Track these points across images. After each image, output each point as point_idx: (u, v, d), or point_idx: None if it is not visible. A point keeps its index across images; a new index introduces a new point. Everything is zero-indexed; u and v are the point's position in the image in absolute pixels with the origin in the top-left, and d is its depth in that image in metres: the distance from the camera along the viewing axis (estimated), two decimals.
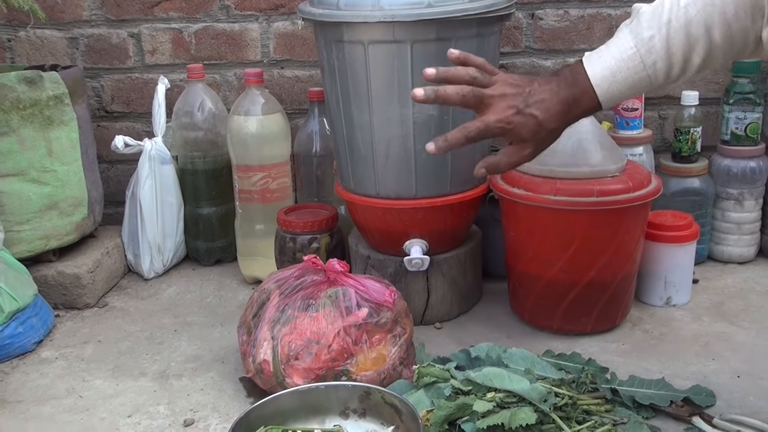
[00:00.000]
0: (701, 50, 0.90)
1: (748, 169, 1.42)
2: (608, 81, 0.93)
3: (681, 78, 0.94)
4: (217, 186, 1.52)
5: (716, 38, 0.89)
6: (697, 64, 0.91)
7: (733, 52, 0.91)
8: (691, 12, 0.90)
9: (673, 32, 0.90)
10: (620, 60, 0.93)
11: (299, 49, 1.58)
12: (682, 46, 0.90)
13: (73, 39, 1.61)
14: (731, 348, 1.18)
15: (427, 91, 0.95)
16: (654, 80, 0.93)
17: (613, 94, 0.94)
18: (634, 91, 0.94)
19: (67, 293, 1.38)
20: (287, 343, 1.01)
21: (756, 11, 0.88)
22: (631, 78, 0.93)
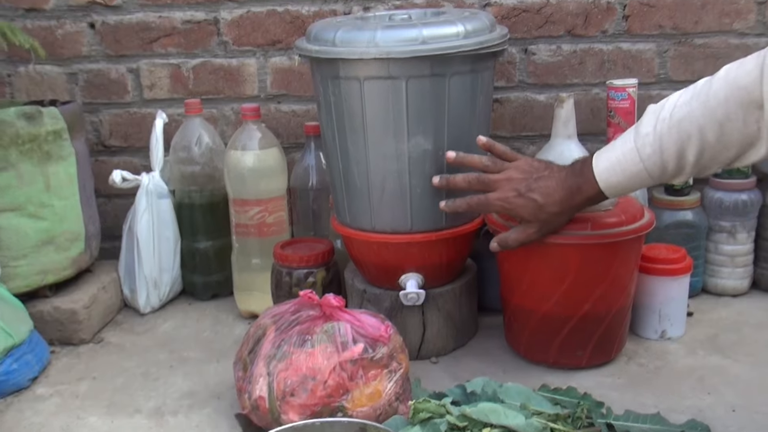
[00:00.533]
0: (694, 148, 0.95)
1: (740, 201, 1.43)
2: (609, 172, 1.03)
3: (681, 174, 0.99)
4: (214, 220, 1.53)
5: (709, 137, 0.94)
6: (691, 162, 0.96)
7: (730, 154, 0.95)
8: (685, 111, 0.96)
9: (666, 129, 0.97)
10: (621, 153, 1.01)
11: (296, 84, 1.60)
12: (674, 143, 0.96)
13: (73, 74, 1.63)
14: (726, 381, 1.18)
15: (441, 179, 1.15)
16: (652, 174, 1.00)
17: (613, 185, 1.03)
18: (634, 183, 1.02)
19: (63, 329, 1.38)
20: (283, 379, 1.01)
21: (748, 114, 0.90)
22: (629, 170, 1.01)
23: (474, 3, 1.53)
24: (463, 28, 1.15)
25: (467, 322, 1.33)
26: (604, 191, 1.04)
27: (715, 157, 0.96)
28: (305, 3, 1.55)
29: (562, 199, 1.07)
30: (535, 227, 1.10)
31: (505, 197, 1.10)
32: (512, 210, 1.10)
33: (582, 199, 1.07)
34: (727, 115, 0.92)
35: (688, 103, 0.96)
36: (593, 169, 1.04)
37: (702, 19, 1.50)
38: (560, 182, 1.07)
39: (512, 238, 1.13)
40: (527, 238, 1.12)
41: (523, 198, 1.08)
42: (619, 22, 1.52)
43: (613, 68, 1.54)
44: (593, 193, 1.05)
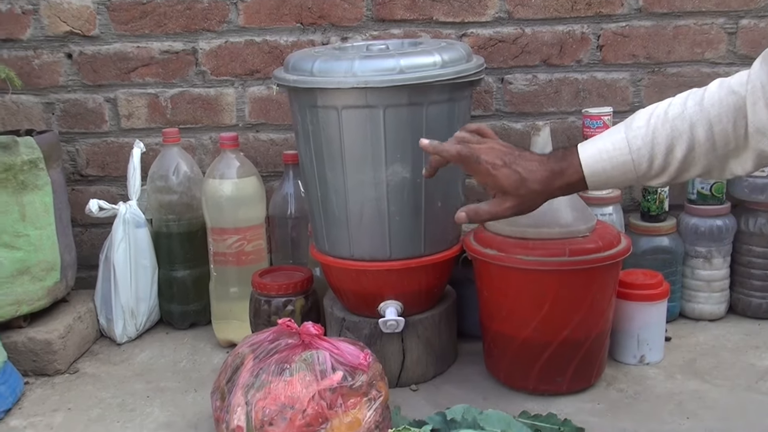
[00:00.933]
0: (683, 145, 0.95)
1: (715, 227, 1.45)
2: (594, 158, 1.00)
3: (665, 172, 0.99)
4: (192, 249, 1.52)
5: (699, 136, 0.95)
6: (679, 159, 0.96)
7: (716, 155, 0.96)
8: (679, 109, 0.97)
9: (660, 124, 0.97)
10: (609, 143, 1.00)
11: (274, 113, 1.61)
12: (666, 137, 0.96)
13: (49, 104, 1.62)
14: (705, 406, 1.19)
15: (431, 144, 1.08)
16: (638, 166, 0.99)
17: (598, 172, 1.00)
18: (618, 174, 1.00)
19: (38, 359, 1.36)
20: (261, 408, 1.00)
21: (738, 118, 0.93)
22: (616, 159, 0.99)
23: (450, 33, 1.55)
24: (440, 58, 1.17)
25: (447, 349, 1.33)
26: (587, 178, 1.01)
27: (701, 157, 0.96)
28: (283, 33, 1.57)
29: (543, 178, 1.02)
30: (511, 202, 1.04)
31: (492, 161, 1.03)
32: (495, 177, 1.03)
33: (563, 183, 1.02)
34: (719, 116, 0.94)
35: (683, 103, 0.97)
36: (578, 155, 1.01)
37: (674, 49, 1.53)
38: (542, 163, 1.03)
39: (485, 209, 1.06)
40: (502, 213, 1.05)
41: (508, 168, 1.02)
42: (594, 51, 1.54)
43: (588, 97, 1.56)
44: (576, 178, 1.01)
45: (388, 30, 1.55)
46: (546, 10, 1.52)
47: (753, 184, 1.44)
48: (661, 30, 1.53)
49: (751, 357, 1.35)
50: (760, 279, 1.47)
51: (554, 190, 1.03)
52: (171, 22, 1.57)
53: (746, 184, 1.44)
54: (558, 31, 1.54)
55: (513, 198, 1.03)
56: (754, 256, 1.47)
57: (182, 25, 1.57)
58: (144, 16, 1.57)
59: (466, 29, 1.54)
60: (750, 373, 1.29)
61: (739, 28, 1.52)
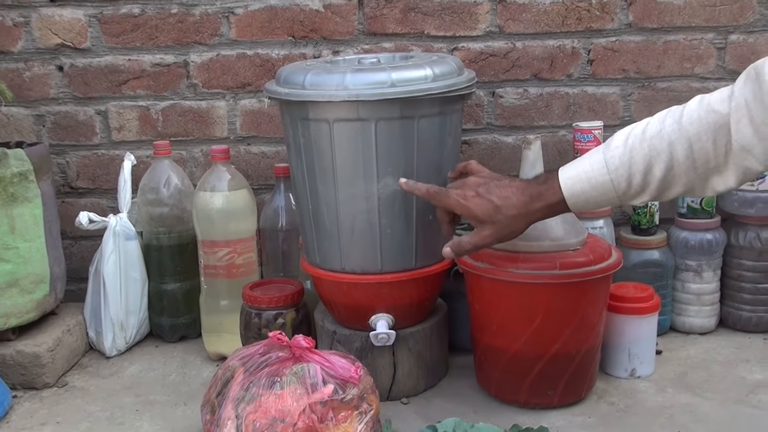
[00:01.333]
0: (662, 164, 0.96)
1: (705, 241, 1.46)
2: (573, 180, 1.01)
3: (645, 191, 0.99)
4: (182, 261, 1.52)
5: (678, 155, 0.95)
6: (658, 178, 0.97)
7: (696, 175, 0.96)
8: (657, 128, 0.98)
9: (638, 143, 0.98)
10: (588, 164, 1.01)
11: (265, 125, 1.61)
12: (643, 157, 0.97)
13: (40, 116, 1.62)
14: (696, 419, 1.19)
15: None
16: (617, 186, 0.99)
17: (577, 193, 1.01)
18: (598, 194, 1.01)
19: (26, 373, 1.35)
20: (252, 421, 1.00)
21: (719, 136, 0.93)
22: (594, 180, 1.00)
23: (442, 47, 1.55)
24: (432, 71, 1.17)
25: (438, 362, 1.33)
26: (567, 200, 1.02)
27: (681, 175, 0.96)
28: (275, 47, 1.57)
29: (521, 203, 1.04)
30: (489, 230, 1.06)
31: (462, 194, 1.08)
32: (467, 208, 1.07)
33: (542, 205, 1.04)
34: (698, 134, 0.94)
35: (662, 121, 0.97)
36: (558, 177, 1.02)
37: (664, 64, 1.54)
38: (520, 188, 1.06)
39: (466, 241, 1.09)
40: (482, 242, 1.08)
41: (480, 198, 1.06)
42: (584, 66, 1.55)
43: (579, 111, 1.57)
44: (555, 200, 1.03)
45: (380, 44, 1.56)
46: (537, 25, 1.53)
47: (743, 198, 1.45)
48: (651, 45, 1.54)
49: (741, 370, 1.35)
50: (750, 292, 1.48)
51: (534, 212, 1.05)
52: (162, 35, 1.57)
53: (736, 198, 1.45)
54: (549, 46, 1.55)
55: (489, 226, 1.07)
56: (744, 269, 1.48)
57: (174, 38, 1.57)
58: (135, 29, 1.57)
59: (458, 43, 1.55)
60: (740, 387, 1.29)
61: (729, 44, 1.53)
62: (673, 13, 1.52)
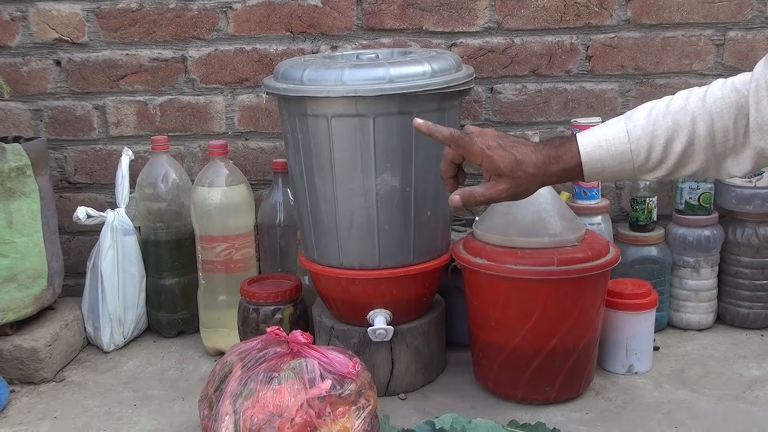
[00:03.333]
0: (683, 138, 0.96)
1: (703, 237, 1.46)
2: (593, 145, 0.99)
3: (662, 165, 0.98)
4: (180, 257, 1.52)
5: (700, 130, 0.95)
6: (678, 152, 0.96)
7: (715, 152, 0.96)
8: (681, 103, 0.97)
9: (661, 116, 0.98)
10: (609, 132, 0.99)
11: (263, 121, 1.61)
12: (666, 130, 0.96)
13: (37, 111, 1.61)
14: (693, 415, 1.19)
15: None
16: (636, 156, 0.98)
17: (595, 159, 0.99)
18: (616, 163, 0.99)
19: (24, 368, 1.35)
20: (249, 417, 1.00)
21: (740, 116, 0.94)
22: (614, 148, 0.98)
23: (440, 43, 1.55)
24: (430, 67, 1.17)
25: (436, 357, 1.33)
26: (584, 165, 1.00)
27: (700, 152, 0.96)
28: (273, 42, 1.57)
29: (539, 162, 1.00)
30: (506, 184, 1.01)
31: (486, 143, 1.01)
32: (491, 158, 1.00)
33: (559, 168, 1.01)
34: (720, 112, 0.94)
35: (686, 98, 0.98)
36: (576, 142, 1.00)
37: (663, 60, 1.54)
38: (537, 148, 1.02)
39: (479, 192, 1.03)
40: (497, 195, 1.02)
41: (503, 150, 1.01)
42: (583, 62, 1.55)
43: (577, 107, 1.57)
44: (572, 164, 1.00)
45: (378, 39, 1.56)
46: (535, 21, 1.53)
47: (740, 194, 1.45)
48: (649, 41, 1.54)
49: (738, 367, 1.35)
50: (748, 289, 1.48)
51: (550, 175, 1.01)
52: (160, 30, 1.57)
53: (734, 194, 1.45)
54: (547, 42, 1.54)
55: (508, 180, 1.01)
56: (741, 266, 1.48)
57: (172, 32, 1.57)
58: (133, 24, 1.57)
59: (456, 39, 1.55)
60: (737, 383, 1.29)
61: (727, 40, 1.53)
62: (671, 10, 1.52)
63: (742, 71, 0.97)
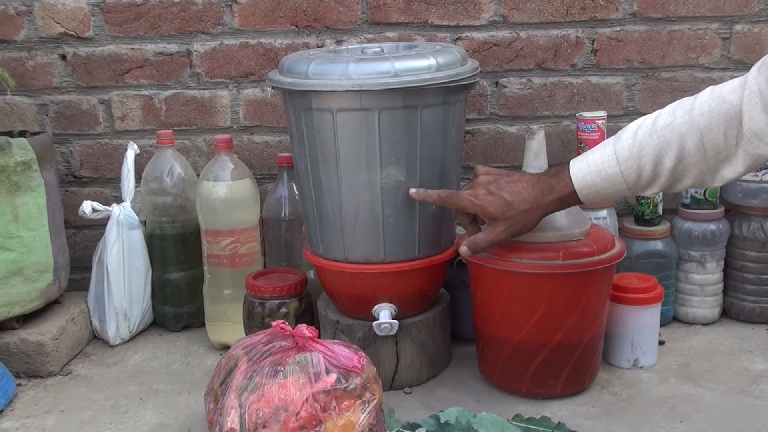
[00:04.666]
0: (672, 155, 0.96)
1: (709, 231, 1.46)
2: (584, 172, 1.02)
3: (655, 182, 1.00)
4: (186, 251, 1.52)
5: (689, 146, 0.96)
6: (668, 168, 0.97)
7: (706, 165, 0.96)
8: (667, 119, 0.98)
9: (647, 135, 0.99)
10: (598, 156, 1.02)
11: (268, 115, 1.61)
12: (654, 148, 0.97)
13: (43, 105, 1.62)
14: (698, 410, 1.19)
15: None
16: (627, 177, 1.00)
17: (588, 185, 1.03)
18: (608, 186, 1.02)
19: (30, 361, 1.36)
20: (255, 410, 1.00)
21: (729, 126, 0.94)
22: (605, 172, 1.01)
23: (445, 37, 1.55)
24: (435, 61, 1.17)
25: (441, 351, 1.33)
26: (578, 192, 1.04)
27: (691, 167, 0.97)
28: (278, 36, 1.57)
29: (532, 197, 1.07)
30: (503, 225, 1.09)
31: (474, 193, 1.11)
32: (480, 206, 1.10)
33: (553, 198, 1.06)
34: (709, 125, 0.95)
35: (672, 113, 0.98)
36: (569, 170, 1.04)
37: (669, 54, 1.54)
38: (531, 183, 1.08)
39: (481, 238, 1.12)
40: (496, 237, 1.10)
41: (492, 195, 1.09)
42: (588, 56, 1.55)
43: (583, 101, 1.57)
44: (566, 192, 1.05)
45: (383, 33, 1.56)
46: (541, 15, 1.53)
47: (746, 188, 1.44)
48: (655, 35, 1.53)
49: (744, 361, 1.35)
50: (754, 283, 1.48)
51: (546, 205, 1.07)
52: (165, 24, 1.57)
53: (740, 188, 1.45)
54: (553, 36, 1.54)
55: (502, 222, 1.09)
56: (747, 260, 1.48)
57: (177, 27, 1.57)
58: (138, 18, 1.57)
59: (461, 33, 1.55)
60: (743, 377, 1.29)
61: (733, 34, 1.52)
62: (677, 3, 1.51)
63: (749, 65, 0.97)
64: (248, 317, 1.34)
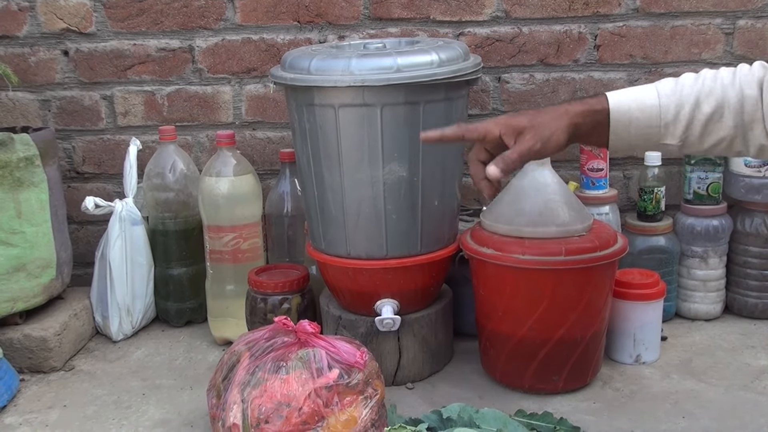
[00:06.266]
0: (713, 101, 0.95)
1: (711, 227, 1.45)
2: (621, 95, 0.98)
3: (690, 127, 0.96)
4: (188, 246, 1.52)
5: (730, 96, 0.95)
6: (706, 113, 0.95)
7: (743, 120, 0.95)
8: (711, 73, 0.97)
9: (691, 80, 0.97)
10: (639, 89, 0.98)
11: (271, 111, 1.61)
12: (696, 91, 0.96)
13: (46, 101, 1.62)
14: (700, 405, 1.19)
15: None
16: (664, 113, 0.96)
17: (623, 109, 0.97)
18: (643, 117, 0.96)
19: (33, 356, 1.36)
20: (257, 406, 1.00)
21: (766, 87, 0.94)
22: (643, 101, 0.97)
23: (448, 32, 1.55)
24: (437, 56, 1.17)
25: (443, 347, 1.33)
26: (611, 113, 0.96)
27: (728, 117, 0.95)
28: (280, 31, 1.56)
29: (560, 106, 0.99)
30: (530, 133, 0.97)
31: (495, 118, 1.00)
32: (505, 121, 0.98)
33: (584, 108, 0.98)
34: (750, 83, 0.94)
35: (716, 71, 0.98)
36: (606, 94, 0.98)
37: (671, 49, 1.53)
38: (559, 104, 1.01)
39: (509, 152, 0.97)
40: (525, 147, 0.96)
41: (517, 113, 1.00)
42: (591, 51, 1.55)
43: (585, 96, 1.56)
44: (599, 107, 0.97)
45: (386, 29, 1.55)
46: (543, 10, 1.52)
47: (749, 184, 1.44)
48: (658, 30, 1.53)
49: (746, 357, 1.35)
50: (756, 279, 1.48)
51: (574, 114, 0.98)
52: (168, 20, 1.57)
53: (743, 184, 1.45)
54: (555, 31, 1.54)
55: (530, 130, 0.97)
56: (750, 256, 1.47)
57: (179, 22, 1.57)
58: (141, 14, 1.57)
59: (464, 28, 1.54)
60: (745, 373, 1.29)
61: (737, 29, 1.52)
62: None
63: (752, 60, 0.97)
64: (251, 313, 1.34)
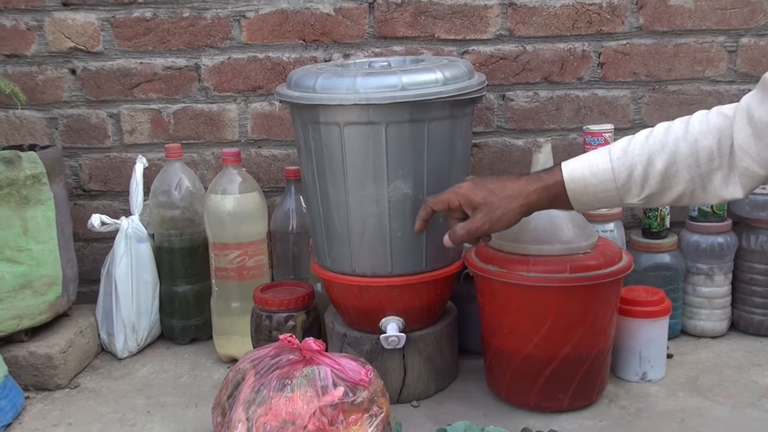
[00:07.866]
0: (665, 156, 0.97)
1: (717, 244, 1.45)
2: (574, 165, 1.02)
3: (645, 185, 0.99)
4: (194, 264, 1.52)
5: (682, 149, 0.96)
6: (659, 170, 0.98)
7: (699, 171, 0.97)
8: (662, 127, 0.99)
9: (642, 138, 1.00)
10: (592, 155, 1.02)
11: (276, 128, 1.61)
12: (647, 150, 0.99)
13: (53, 119, 1.63)
14: (707, 423, 1.18)
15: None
16: (617, 175, 1.00)
17: (576, 178, 1.01)
18: (597, 182, 1.01)
19: (39, 374, 1.36)
20: (262, 424, 1.00)
21: (723, 137, 0.95)
22: (596, 166, 1.01)
23: (452, 51, 1.56)
24: (442, 75, 1.17)
25: (448, 365, 1.33)
26: (566, 183, 1.01)
27: (683, 171, 0.97)
28: (285, 50, 1.57)
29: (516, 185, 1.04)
30: (482, 212, 1.05)
31: (456, 187, 1.09)
32: (462, 195, 1.07)
33: (538, 186, 1.03)
34: (704, 133, 0.95)
35: (669, 124, 1.00)
36: (561, 165, 1.03)
37: (675, 67, 1.54)
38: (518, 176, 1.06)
39: (459, 227, 1.08)
40: (474, 225, 1.06)
41: (476, 186, 1.07)
42: (595, 69, 1.55)
43: (589, 114, 1.57)
44: (552, 182, 1.02)
45: (390, 47, 1.56)
46: (547, 28, 1.53)
47: (754, 201, 1.44)
48: (661, 48, 1.53)
49: (753, 374, 1.34)
50: (762, 296, 1.47)
51: (528, 193, 1.03)
52: (174, 39, 1.58)
53: (747, 201, 1.45)
54: (559, 49, 1.54)
55: (482, 207, 1.05)
56: (755, 273, 1.47)
57: (185, 41, 1.58)
58: (147, 33, 1.58)
59: (468, 46, 1.55)
60: (752, 391, 1.29)
61: (740, 47, 1.53)
62: (683, 16, 1.52)
63: (756, 77, 0.98)
64: (256, 330, 1.34)
